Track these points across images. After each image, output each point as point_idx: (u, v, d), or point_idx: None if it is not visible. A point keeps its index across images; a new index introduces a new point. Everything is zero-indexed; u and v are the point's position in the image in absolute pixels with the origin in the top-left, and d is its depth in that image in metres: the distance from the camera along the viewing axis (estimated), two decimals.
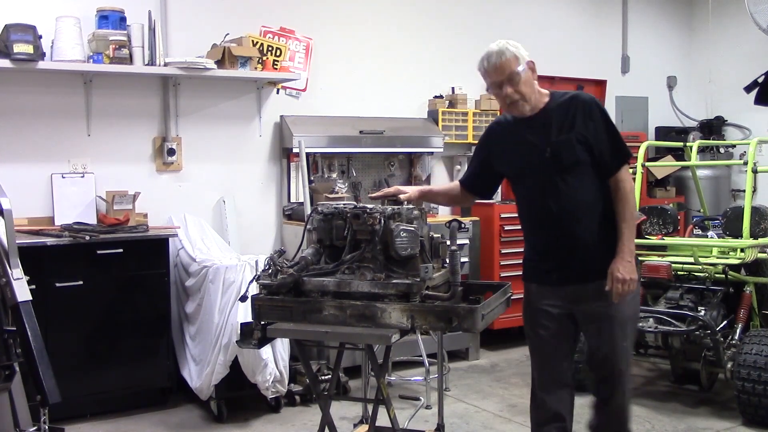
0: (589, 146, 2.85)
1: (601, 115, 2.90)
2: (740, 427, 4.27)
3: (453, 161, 6.26)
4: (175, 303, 4.82)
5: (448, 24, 6.18)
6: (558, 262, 2.94)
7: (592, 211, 2.89)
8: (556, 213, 2.88)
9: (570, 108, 2.88)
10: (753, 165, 4.72)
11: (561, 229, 2.90)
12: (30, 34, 4.37)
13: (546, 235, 2.97)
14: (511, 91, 2.85)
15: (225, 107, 5.31)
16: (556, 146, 2.87)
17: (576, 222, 2.88)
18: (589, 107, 2.88)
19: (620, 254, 2.86)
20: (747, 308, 4.63)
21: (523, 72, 2.84)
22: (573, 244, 2.90)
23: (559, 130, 2.88)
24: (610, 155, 2.88)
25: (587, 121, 2.86)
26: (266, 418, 4.44)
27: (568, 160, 2.85)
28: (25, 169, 4.68)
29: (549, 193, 2.89)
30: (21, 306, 2.85)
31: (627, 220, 2.88)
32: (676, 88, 7.71)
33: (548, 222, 2.92)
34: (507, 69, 2.83)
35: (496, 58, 2.85)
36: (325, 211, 2.86)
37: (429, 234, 2.85)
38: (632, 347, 3.12)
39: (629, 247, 2.87)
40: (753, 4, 5.04)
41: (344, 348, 3.15)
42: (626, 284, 2.84)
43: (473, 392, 4.92)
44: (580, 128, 2.85)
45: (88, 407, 4.42)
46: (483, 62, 2.89)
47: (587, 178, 2.88)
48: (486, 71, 2.89)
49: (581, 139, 2.85)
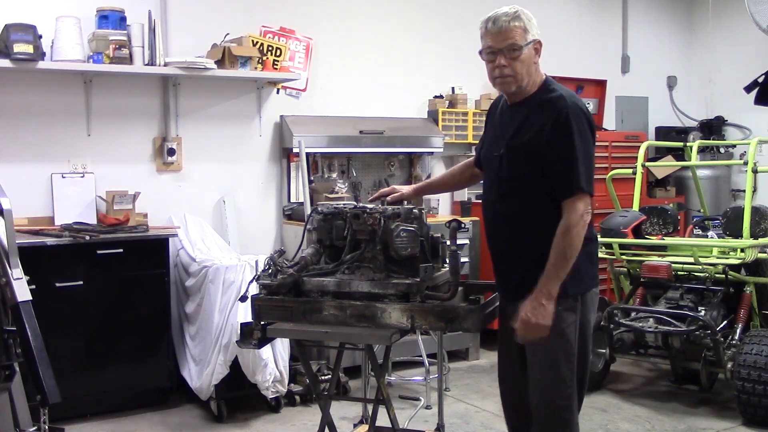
0: (539, 160, 2.52)
1: (568, 132, 2.48)
2: (740, 427, 4.27)
3: (453, 161, 6.24)
4: (175, 303, 4.82)
5: (448, 24, 6.18)
6: (502, 268, 2.74)
7: (540, 224, 2.55)
8: (501, 217, 2.66)
9: (542, 111, 2.55)
10: (753, 165, 4.73)
11: (504, 235, 2.67)
12: (30, 34, 4.36)
13: (493, 238, 2.75)
14: (505, 63, 2.53)
15: (225, 107, 5.31)
16: (507, 149, 2.60)
17: (515, 233, 2.62)
18: (561, 118, 2.50)
19: (536, 293, 2.47)
20: (747, 308, 4.63)
21: (527, 48, 2.53)
22: (513, 255, 2.65)
23: (516, 132, 2.59)
24: (558, 180, 2.51)
25: (550, 133, 2.51)
26: (266, 418, 4.44)
27: (510, 170, 2.59)
28: (25, 169, 4.68)
29: (496, 196, 2.67)
30: (21, 306, 2.85)
31: (557, 258, 2.46)
32: (676, 88, 7.71)
33: (494, 224, 2.72)
34: (510, 38, 2.51)
35: (502, 22, 2.52)
36: (325, 211, 2.86)
37: (429, 234, 2.84)
38: (565, 389, 2.61)
39: (548, 289, 2.46)
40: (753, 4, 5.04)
41: (344, 348, 3.15)
42: (532, 328, 2.47)
43: (473, 392, 4.92)
44: (536, 138, 2.53)
45: (88, 407, 4.42)
46: (488, 22, 2.55)
47: (539, 190, 2.56)
48: (487, 31, 2.56)
49: (531, 150, 2.53)
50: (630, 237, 4.72)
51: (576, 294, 2.60)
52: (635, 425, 4.34)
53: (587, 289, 2.66)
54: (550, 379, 2.60)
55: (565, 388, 2.61)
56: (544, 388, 2.62)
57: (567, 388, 2.61)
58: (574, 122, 2.51)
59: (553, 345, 2.57)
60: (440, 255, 2.87)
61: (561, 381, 2.60)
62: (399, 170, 5.88)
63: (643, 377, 5.24)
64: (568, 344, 2.60)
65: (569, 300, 2.57)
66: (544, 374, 2.61)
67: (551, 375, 2.60)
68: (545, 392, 2.62)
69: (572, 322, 2.60)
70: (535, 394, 2.64)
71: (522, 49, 2.53)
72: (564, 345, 2.60)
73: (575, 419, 2.67)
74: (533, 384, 2.65)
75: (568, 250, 2.47)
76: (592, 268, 2.72)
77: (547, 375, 2.60)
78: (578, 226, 2.48)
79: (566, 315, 2.58)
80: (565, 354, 2.60)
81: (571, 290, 2.58)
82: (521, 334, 2.52)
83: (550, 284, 2.47)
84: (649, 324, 4.51)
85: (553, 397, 2.61)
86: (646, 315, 4.57)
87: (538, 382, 2.63)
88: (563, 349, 2.60)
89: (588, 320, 2.69)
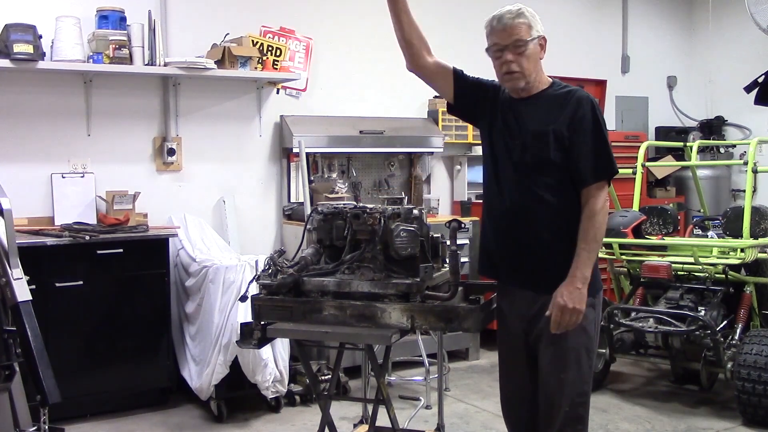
0: (565, 146, 2.56)
1: (593, 118, 2.58)
2: (740, 427, 4.27)
3: (453, 161, 6.26)
4: (175, 303, 4.82)
5: (448, 23, 6.18)
6: (512, 257, 2.68)
7: (557, 214, 2.57)
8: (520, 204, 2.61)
9: (563, 100, 2.61)
10: (753, 165, 4.72)
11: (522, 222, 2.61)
12: (30, 34, 4.36)
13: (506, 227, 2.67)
14: (512, 59, 2.58)
15: (225, 107, 5.31)
16: (533, 136, 2.60)
17: (533, 220, 2.59)
18: (583, 105, 2.58)
19: (570, 278, 2.51)
20: (747, 308, 4.63)
21: (532, 44, 2.59)
22: (530, 242, 2.61)
23: (542, 120, 2.60)
24: (585, 164, 2.55)
25: (574, 119, 2.57)
26: (266, 418, 4.44)
27: (537, 157, 2.58)
28: (25, 169, 4.68)
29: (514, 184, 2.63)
30: (21, 306, 2.85)
31: (588, 242, 2.52)
32: (676, 88, 7.71)
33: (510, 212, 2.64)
34: (515, 34, 2.57)
35: (508, 19, 2.59)
36: (325, 211, 2.86)
37: (429, 234, 2.84)
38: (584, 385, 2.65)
39: (582, 272, 2.50)
40: (753, 4, 5.05)
41: (344, 348, 3.15)
42: (568, 314, 2.49)
43: (473, 392, 4.92)
44: (562, 124, 2.57)
45: (88, 407, 4.42)
46: (493, 20, 2.61)
47: (560, 180, 2.58)
48: (492, 29, 2.61)
49: (559, 136, 2.57)
50: (630, 237, 4.72)
51: (594, 293, 2.62)
52: (635, 425, 4.34)
53: (599, 288, 2.70)
54: (573, 376, 2.62)
55: (584, 384, 2.65)
56: (566, 384, 2.62)
57: (585, 384, 2.66)
58: (599, 112, 2.62)
59: (577, 341, 2.60)
60: (440, 255, 2.87)
61: (582, 377, 2.64)
62: (399, 170, 5.88)
63: (643, 377, 5.24)
64: (590, 341, 2.65)
65: (590, 298, 2.59)
66: (567, 371, 2.61)
67: (574, 371, 2.62)
68: (566, 388, 2.62)
69: (593, 319, 2.65)
70: (555, 390, 2.63)
71: (527, 44, 2.59)
72: (587, 341, 2.64)
73: (588, 416, 2.70)
74: (552, 381, 2.64)
75: (598, 234, 2.54)
76: (597, 271, 2.74)
77: (570, 371, 2.61)
78: (604, 210, 2.56)
79: (588, 312, 2.59)
80: (587, 350, 2.64)
81: (595, 288, 2.62)
82: (557, 320, 2.51)
83: (584, 268, 2.51)
84: (649, 324, 4.51)
85: (573, 394, 2.62)
86: (646, 315, 4.57)
87: (559, 378, 2.62)
88: (585, 346, 2.64)
89: (599, 320, 2.74)
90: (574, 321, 2.51)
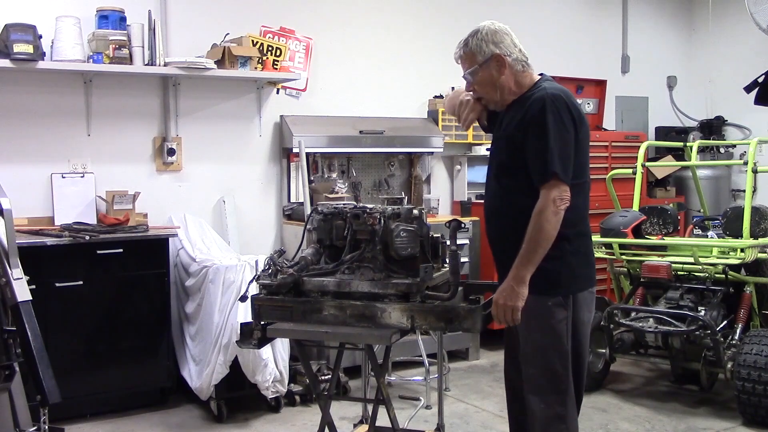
0: (518, 148, 2.61)
1: (540, 119, 2.55)
2: (740, 427, 4.27)
3: (453, 161, 6.26)
4: (175, 303, 4.82)
5: (448, 23, 6.17)
6: (497, 257, 2.81)
7: (523, 214, 2.58)
8: (493, 207, 2.79)
9: (526, 103, 2.64)
10: (753, 165, 4.73)
11: (496, 224, 2.79)
12: (30, 33, 4.36)
13: (488, 228, 2.88)
14: (471, 88, 2.74)
15: (225, 107, 5.31)
16: (496, 141, 2.77)
17: (503, 222, 2.72)
18: (534, 106, 2.58)
19: (508, 277, 2.55)
20: (747, 308, 4.63)
21: (484, 69, 2.67)
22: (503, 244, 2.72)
23: (506, 125, 2.71)
24: (532, 165, 2.57)
25: (523, 121, 2.60)
26: (266, 418, 4.44)
27: (499, 161, 2.73)
28: (25, 169, 4.68)
29: (490, 187, 2.82)
30: (21, 306, 2.85)
31: (527, 242, 2.52)
32: (676, 88, 7.71)
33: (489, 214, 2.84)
34: (464, 66, 2.72)
35: (456, 55, 2.73)
36: (325, 211, 2.86)
37: (429, 234, 2.85)
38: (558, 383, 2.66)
39: (518, 271, 2.52)
40: (753, 4, 5.04)
41: (344, 348, 3.16)
42: (502, 310, 2.54)
43: (473, 392, 4.92)
44: (516, 128, 2.62)
45: (88, 407, 4.42)
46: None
47: (523, 180, 2.61)
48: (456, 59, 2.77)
49: (511, 140, 2.65)
50: (630, 237, 4.72)
51: (568, 293, 2.64)
52: (635, 425, 4.34)
53: (581, 289, 2.70)
54: (543, 375, 2.66)
55: (558, 383, 2.66)
56: (538, 384, 2.66)
57: (560, 383, 2.66)
58: (550, 111, 2.56)
59: (544, 341, 2.64)
60: (440, 255, 2.88)
61: (554, 377, 2.65)
62: (399, 170, 5.88)
63: (643, 377, 5.24)
64: (558, 341, 2.65)
65: (559, 297, 2.62)
66: (536, 370, 2.67)
67: (543, 371, 2.66)
68: (539, 389, 2.66)
69: (563, 319, 2.65)
70: (530, 390, 2.68)
71: (477, 72, 2.68)
72: (554, 342, 2.65)
73: (571, 415, 2.70)
74: (527, 380, 2.70)
75: (538, 235, 2.52)
76: (588, 270, 2.76)
77: (539, 371, 2.66)
78: (547, 211, 2.51)
79: (557, 311, 2.63)
80: (556, 350, 2.65)
81: (564, 288, 2.63)
82: (493, 314, 2.59)
83: (521, 268, 2.53)
84: (649, 324, 4.51)
85: (547, 393, 2.65)
86: (646, 315, 4.57)
87: (531, 377, 2.67)
88: (553, 346, 2.65)
89: (582, 320, 2.73)
90: (510, 317, 2.55)
